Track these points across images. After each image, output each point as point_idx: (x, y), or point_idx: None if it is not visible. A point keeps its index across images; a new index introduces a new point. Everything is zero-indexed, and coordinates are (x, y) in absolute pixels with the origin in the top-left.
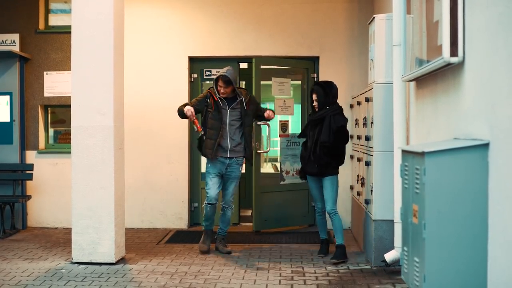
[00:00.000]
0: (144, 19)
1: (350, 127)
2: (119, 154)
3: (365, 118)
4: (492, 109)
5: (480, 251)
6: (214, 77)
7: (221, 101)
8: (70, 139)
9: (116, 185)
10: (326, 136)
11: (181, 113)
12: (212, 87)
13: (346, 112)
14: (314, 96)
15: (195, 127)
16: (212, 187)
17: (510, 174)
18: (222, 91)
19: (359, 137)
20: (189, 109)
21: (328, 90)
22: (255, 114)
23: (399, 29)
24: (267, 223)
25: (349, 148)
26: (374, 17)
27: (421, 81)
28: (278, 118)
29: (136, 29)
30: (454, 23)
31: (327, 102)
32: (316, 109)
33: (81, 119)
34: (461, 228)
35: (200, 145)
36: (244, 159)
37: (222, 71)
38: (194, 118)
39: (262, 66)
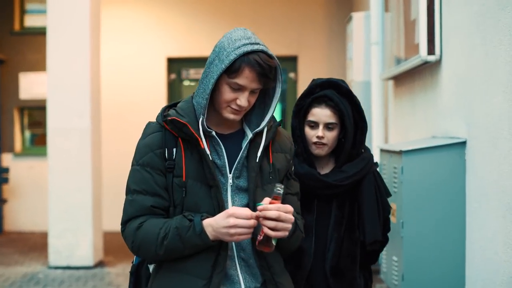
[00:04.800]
0: (121, 20)
1: None
2: (97, 155)
3: None
4: (469, 107)
5: (458, 249)
6: (196, 75)
7: (214, 143)
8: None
9: (94, 187)
10: (376, 227)
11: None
12: (166, 113)
13: None
14: (332, 119)
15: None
16: None
17: (487, 172)
18: (242, 103)
19: None
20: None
21: (358, 107)
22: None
23: (377, 27)
24: None
25: None
26: (351, 15)
27: (399, 79)
28: None
29: (112, 30)
30: (431, 21)
31: (363, 138)
32: (322, 152)
33: (57, 121)
34: (439, 226)
35: (139, 281)
36: None
37: (246, 36)
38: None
39: None
